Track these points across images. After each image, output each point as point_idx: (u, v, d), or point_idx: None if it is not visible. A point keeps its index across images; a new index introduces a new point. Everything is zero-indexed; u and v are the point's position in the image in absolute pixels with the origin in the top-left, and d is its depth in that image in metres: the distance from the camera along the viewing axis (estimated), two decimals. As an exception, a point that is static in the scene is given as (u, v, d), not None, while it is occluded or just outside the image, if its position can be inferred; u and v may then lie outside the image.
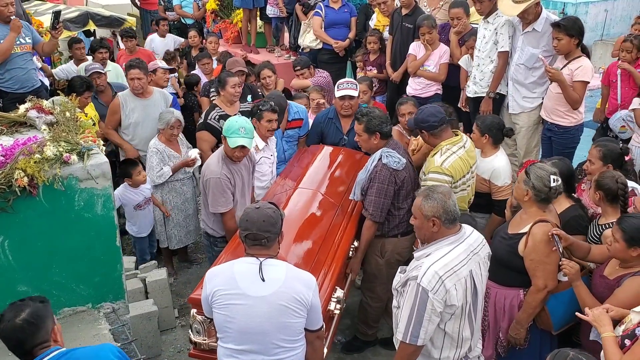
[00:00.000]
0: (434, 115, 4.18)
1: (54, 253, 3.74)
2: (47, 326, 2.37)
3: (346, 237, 4.12)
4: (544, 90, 5.41)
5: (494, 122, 4.63)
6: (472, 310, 3.03)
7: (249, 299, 2.78)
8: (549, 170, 3.39)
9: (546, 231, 3.30)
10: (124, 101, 5.68)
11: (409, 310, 2.90)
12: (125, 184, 5.26)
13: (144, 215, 5.37)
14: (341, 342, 4.76)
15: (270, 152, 5.01)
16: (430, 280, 2.85)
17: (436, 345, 3.03)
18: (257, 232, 2.80)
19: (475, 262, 3.03)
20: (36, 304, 2.40)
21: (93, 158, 3.76)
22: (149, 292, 4.79)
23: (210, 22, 9.93)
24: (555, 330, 3.48)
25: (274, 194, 4.56)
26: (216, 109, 5.39)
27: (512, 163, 5.82)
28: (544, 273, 3.34)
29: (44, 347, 2.31)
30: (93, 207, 3.77)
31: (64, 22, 7.65)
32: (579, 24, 5.04)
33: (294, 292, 2.79)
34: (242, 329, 2.81)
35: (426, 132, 4.18)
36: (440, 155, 4.12)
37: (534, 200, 3.40)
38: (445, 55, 6.27)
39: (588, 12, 10.13)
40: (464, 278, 2.92)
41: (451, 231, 3.01)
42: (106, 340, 3.70)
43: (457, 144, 4.18)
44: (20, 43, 5.67)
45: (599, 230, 3.63)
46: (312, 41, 7.76)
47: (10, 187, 3.46)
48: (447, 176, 4.07)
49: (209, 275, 2.93)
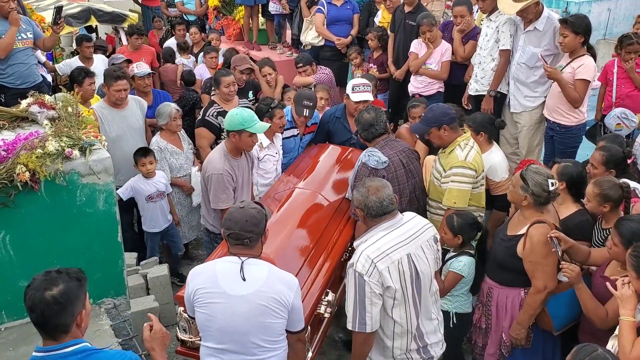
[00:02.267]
0: (448, 108, 4.21)
1: (55, 248, 3.73)
2: (75, 309, 2.21)
3: (342, 238, 4.09)
4: (546, 89, 5.40)
5: (485, 119, 4.63)
6: (415, 295, 3.07)
7: (229, 298, 2.76)
8: (546, 174, 3.38)
9: (543, 232, 3.29)
10: (100, 114, 5.11)
11: (352, 298, 2.96)
12: (140, 174, 5.16)
13: (154, 208, 5.23)
14: (342, 339, 4.76)
15: (275, 149, 5.01)
16: (364, 265, 2.92)
17: (387, 334, 3.08)
18: (239, 231, 2.79)
19: (417, 245, 3.08)
20: (71, 282, 2.23)
21: (95, 153, 3.75)
22: (150, 288, 4.78)
23: (213, 18, 9.91)
24: (556, 330, 3.47)
25: (275, 192, 4.55)
26: (214, 105, 5.40)
27: (514, 162, 5.83)
28: (543, 274, 3.33)
29: (66, 331, 2.20)
30: (95, 203, 3.77)
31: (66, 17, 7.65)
32: (586, 22, 5.00)
33: (274, 293, 2.77)
34: (223, 328, 2.79)
35: (447, 126, 4.10)
36: (461, 150, 4.11)
37: (533, 205, 3.40)
38: (447, 53, 6.25)
39: (591, 11, 10.09)
40: (397, 261, 2.97)
41: (383, 220, 3.06)
42: (107, 336, 3.70)
43: (470, 140, 4.20)
44: (22, 38, 5.67)
45: (604, 235, 3.61)
46: (314, 38, 7.75)
47: (12, 181, 3.45)
48: (471, 170, 4.06)
49: (191, 274, 2.93)
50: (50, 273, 2.25)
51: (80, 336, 2.25)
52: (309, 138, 5.45)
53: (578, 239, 3.55)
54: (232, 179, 4.28)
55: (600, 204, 3.54)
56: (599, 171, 3.96)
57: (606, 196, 3.52)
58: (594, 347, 2.38)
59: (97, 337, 3.63)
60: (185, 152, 5.49)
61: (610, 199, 3.51)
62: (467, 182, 4.05)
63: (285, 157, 5.21)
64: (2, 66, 5.64)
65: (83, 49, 7.28)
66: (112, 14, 9.28)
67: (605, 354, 2.34)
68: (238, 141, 4.22)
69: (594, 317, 3.14)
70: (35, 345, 2.27)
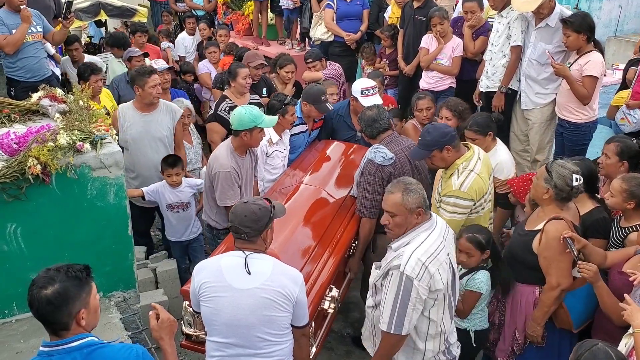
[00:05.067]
0: (445, 126, 3.91)
1: (65, 241, 3.75)
2: (72, 308, 2.17)
3: (346, 234, 4.08)
4: (557, 86, 5.36)
5: (485, 118, 4.53)
6: (451, 295, 3.07)
7: (234, 292, 2.76)
8: (572, 169, 3.32)
9: (559, 229, 3.24)
10: (122, 114, 4.92)
11: (393, 301, 2.90)
12: (165, 181, 4.93)
13: (174, 217, 4.98)
14: (350, 335, 4.76)
15: (284, 145, 5.00)
16: (414, 268, 2.86)
17: (421, 333, 3.03)
18: (238, 225, 2.81)
19: (450, 243, 3.09)
20: (69, 281, 2.18)
21: (106, 147, 3.77)
22: (159, 282, 4.80)
23: (222, 14, 9.91)
24: (575, 328, 3.42)
25: (281, 187, 4.55)
26: (226, 100, 5.39)
27: (525, 159, 5.81)
28: (557, 271, 3.30)
29: (65, 328, 2.19)
30: (105, 196, 3.78)
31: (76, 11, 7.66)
32: (588, 21, 4.97)
33: (279, 286, 2.78)
34: (228, 322, 2.79)
35: (449, 146, 3.73)
36: (457, 176, 3.76)
37: (554, 199, 3.35)
38: (459, 48, 6.22)
39: (602, 8, 10.00)
40: (444, 262, 2.95)
41: (427, 217, 3.05)
42: (117, 329, 3.72)
43: (471, 160, 3.81)
44: (32, 32, 5.69)
45: (623, 234, 3.54)
46: (324, 33, 7.73)
47: (23, 174, 3.47)
48: (467, 200, 3.74)
49: (197, 269, 2.94)
50: (50, 271, 2.22)
51: (84, 332, 2.24)
52: (315, 134, 5.44)
53: (595, 237, 3.51)
54: (239, 176, 4.29)
55: (625, 200, 3.45)
56: (612, 161, 3.89)
57: (633, 193, 3.43)
58: (594, 341, 2.37)
59: (107, 330, 3.65)
60: (195, 147, 5.49)
61: (637, 197, 3.43)
62: (460, 212, 3.77)
63: (292, 154, 5.20)
64: (12, 60, 5.67)
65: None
66: (121, 8, 9.32)
67: (605, 347, 2.33)
68: (249, 139, 4.21)
69: (613, 315, 3.09)
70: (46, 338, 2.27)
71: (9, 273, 3.68)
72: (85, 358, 2.19)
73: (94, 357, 2.20)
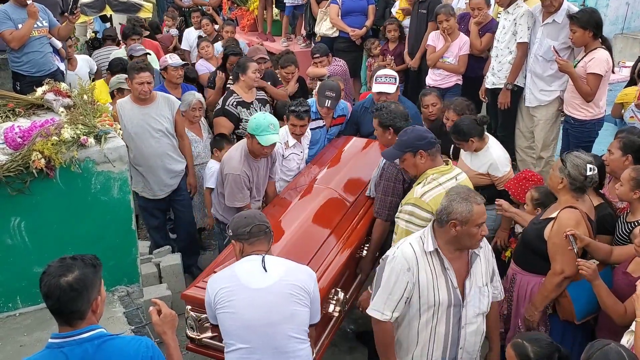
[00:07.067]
0: (425, 131, 3.65)
1: (69, 235, 3.76)
2: (90, 295, 2.19)
3: (355, 236, 3.99)
4: (562, 84, 5.34)
5: (467, 123, 4.37)
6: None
7: (252, 292, 2.71)
8: (586, 159, 3.33)
9: (572, 217, 3.25)
10: (120, 109, 4.78)
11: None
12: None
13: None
14: (353, 331, 4.75)
15: (301, 148, 4.96)
16: None
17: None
18: (259, 223, 2.85)
19: None
20: (87, 268, 2.20)
21: (110, 141, 3.77)
22: (162, 276, 4.80)
23: (227, 9, 9.90)
24: (578, 319, 3.40)
25: (295, 186, 4.53)
26: (234, 95, 5.40)
27: (530, 155, 5.79)
28: (563, 257, 3.28)
29: (82, 317, 2.19)
30: (109, 191, 3.78)
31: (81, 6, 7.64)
32: (595, 17, 4.93)
33: (297, 281, 2.76)
34: (247, 324, 2.70)
35: (424, 152, 3.47)
36: (422, 185, 3.46)
37: (569, 189, 3.34)
38: (465, 46, 6.19)
39: (609, 5, 9.92)
40: None
41: None
42: (120, 323, 3.73)
43: (445, 175, 3.51)
44: (37, 27, 5.70)
45: (628, 228, 3.51)
46: (329, 29, 7.70)
47: (27, 168, 3.48)
48: (426, 212, 3.38)
49: (210, 281, 2.87)
50: (66, 259, 2.23)
51: (95, 322, 2.25)
52: (336, 130, 5.39)
53: (600, 233, 3.49)
54: (249, 179, 4.28)
55: (632, 189, 3.44)
56: (616, 156, 3.87)
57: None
58: (606, 341, 2.35)
59: (110, 324, 3.66)
60: (205, 141, 5.49)
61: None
62: (416, 223, 3.42)
63: (311, 149, 5.17)
64: (17, 54, 5.68)
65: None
66: (126, 3, 9.26)
67: (618, 347, 2.31)
68: (251, 144, 4.24)
69: (612, 314, 3.09)
70: (50, 331, 2.27)
71: (13, 267, 3.69)
72: (96, 349, 2.19)
73: (104, 349, 2.20)
